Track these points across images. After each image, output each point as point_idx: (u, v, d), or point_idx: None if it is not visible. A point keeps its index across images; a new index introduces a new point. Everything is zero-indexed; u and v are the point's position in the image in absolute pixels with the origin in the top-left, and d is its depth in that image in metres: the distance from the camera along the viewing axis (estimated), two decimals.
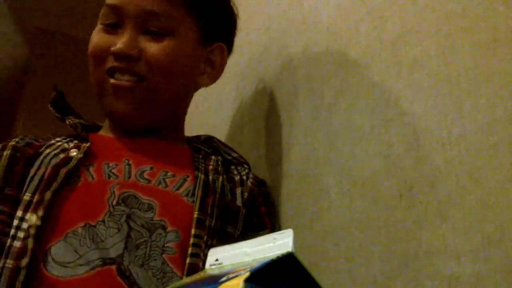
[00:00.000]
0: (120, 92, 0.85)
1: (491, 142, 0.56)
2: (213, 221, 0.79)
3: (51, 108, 0.92)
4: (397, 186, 0.67)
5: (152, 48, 0.85)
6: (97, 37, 0.88)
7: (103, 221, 0.75)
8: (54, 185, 0.76)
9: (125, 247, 0.74)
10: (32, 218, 0.73)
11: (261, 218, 0.87)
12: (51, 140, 0.85)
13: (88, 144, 0.83)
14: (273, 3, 1.08)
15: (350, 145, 0.78)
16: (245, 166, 0.92)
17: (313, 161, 0.86)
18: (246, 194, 0.87)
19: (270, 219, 0.89)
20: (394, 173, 0.68)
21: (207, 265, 0.53)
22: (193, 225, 0.77)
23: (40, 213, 0.73)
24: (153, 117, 0.89)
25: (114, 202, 0.77)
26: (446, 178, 0.60)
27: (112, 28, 0.86)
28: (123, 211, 0.77)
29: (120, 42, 0.84)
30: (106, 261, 0.73)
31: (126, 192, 0.79)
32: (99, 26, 0.88)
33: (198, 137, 0.98)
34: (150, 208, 0.78)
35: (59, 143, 0.84)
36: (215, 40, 0.94)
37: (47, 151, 0.82)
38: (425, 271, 0.61)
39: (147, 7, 0.85)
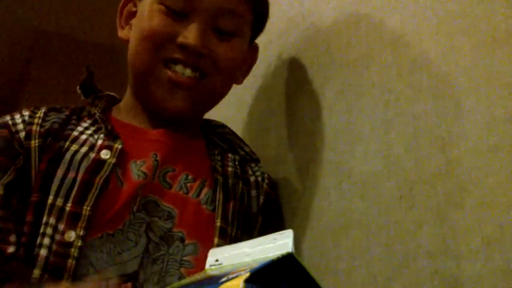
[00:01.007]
0: (179, 88, 0.80)
1: (491, 142, 0.56)
2: (234, 230, 0.77)
3: (79, 91, 0.87)
4: (397, 187, 0.67)
5: (221, 48, 0.81)
6: (159, 20, 0.80)
7: (122, 230, 0.72)
8: (91, 198, 0.72)
9: (141, 263, 0.71)
10: (71, 236, 0.69)
11: (276, 226, 0.85)
12: (73, 131, 0.79)
13: (120, 146, 0.77)
14: (273, 3, 1.08)
15: (350, 145, 0.78)
16: (259, 165, 0.90)
17: (313, 161, 0.86)
18: (262, 198, 0.85)
19: (281, 226, 0.87)
20: (394, 173, 0.68)
21: (207, 266, 0.53)
22: (216, 234, 0.75)
23: (81, 232, 0.69)
24: (201, 113, 0.88)
25: (135, 209, 0.74)
26: (446, 178, 0.60)
27: (178, 15, 0.80)
28: (143, 219, 0.74)
29: (191, 37, 0.78)
30: (122, 279, 0.70)
31: (148, 197, 0.75)
32: (159, 6, 0.80)
33: (209, 122, 0.93)
34: (169, 217, 0.75)
35: (83, 136, 0.78)
36: (254, 40, 0.93)
37: (73, 147, 0.76)
38: (425, 271, 0.61)
39: (225, 5, 0.81)
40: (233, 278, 0.43)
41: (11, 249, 0.69)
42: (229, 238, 0.76)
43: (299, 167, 0.89)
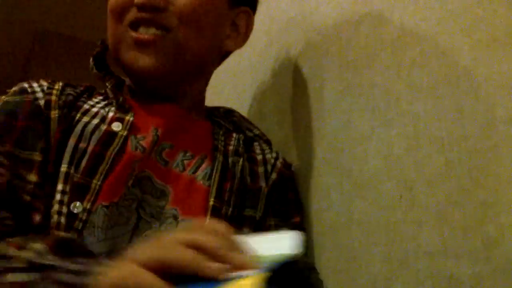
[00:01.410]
0: (143, 45, 0.78)
1: (491, 143, 0.56)
2: (230, 209, 0.76)
3: (92, 62, 0.86)
4: (397, 187, 0.67)
5: None
6: None
7: (116, 204, 0.71)
8: (102, 172, 0.71)
9: (131, 240, 0.70)
10: (78, 206, 0.69)
11: (288, 206, 0.83)
12: (84, 104, 0.79)
13: (131, 119, 0.77)
14: (273, 3, 1.08)
15: (350, 145, 0.78)
16: (271, 148, 0.88)
17: (313, 162, 0.86)
18: (274, 175, 0.83)
19: (298, 209, 0.84)
20: (394, 173, 0.68)
21: None
22: (208, 213, 0.73)
23: (88, 205, 0.69)
24: (177, 75, 0.82)
25: (130, 183, 0.73)
26: (446, 179, 0.60)
27: None
28: (136, 195, 0.72)
29: None
30: (111, 255, 0.70)
31: (143, 172, 0.74)
32: None
33: (217, 109, 0.92)
34: (162, 194, 0.74)
35: (95, 109, 0.78)
36: (242, 4, 0.89)
37: (85, 119, 0.76)
38: (425, 271, 0.61)
39: None
40: (245, 276, 0.43)
41: (38, 217, 0.69)
42: (224, 217, 0.74)
43: (299, 167, 0.89)
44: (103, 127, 0.75)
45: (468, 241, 0.57)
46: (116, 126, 0.76)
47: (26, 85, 0.79)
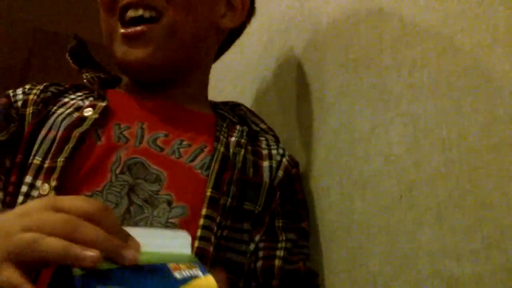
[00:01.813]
0: (135, 40, 0.77)
1: (491, 142, 0.56)
2: (229, 200, 0.72)
3: (68, 58, 0.86)
4: (397, 187, 0.67)
5: None
6: None
7: (101, 192, 0.68)
8: (66, 150, 0.69)
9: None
10: (45, 188, 0.67)
11: (297, 208, 0.81)
12: (65, 98, 0.78)
13: (104, 104, 0.76)
14: (273, 3, 1.08)
15: (350, 145, 0.78)
16: (278, 144, 0.85)
17: (313, 162, 0.86)
18: (281, 173, 0.79)
19: (306, 212, 0.82)
20: (394, 173, 0.68)
21: None
22: (205, 204, 0.70)
23: (54, 183, 0.66)
24: (173, 61, 0.80)
25: (118, 170, 0.70)
26: (446, 179, 0.60)
27: None
28: (126, 181, 0.70)
29: None
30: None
31: (134, 158, 0.72)
32: None
33: (225, 103, 0.91)
34: (157, 179, 0.71)
35: (73, 101, 0.78)
36: None
37: (60, 110, 0.76)
38: (425, 272, 0.61)
39: None
40: (192, 277, 0.43)
41: None
42: (222, 208, 0.71)
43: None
44: (76, 114, 0.75)
45: (468, 241, 0.57)
46: (87, 111, 0.75)
47: (10, 91, 0.80)
